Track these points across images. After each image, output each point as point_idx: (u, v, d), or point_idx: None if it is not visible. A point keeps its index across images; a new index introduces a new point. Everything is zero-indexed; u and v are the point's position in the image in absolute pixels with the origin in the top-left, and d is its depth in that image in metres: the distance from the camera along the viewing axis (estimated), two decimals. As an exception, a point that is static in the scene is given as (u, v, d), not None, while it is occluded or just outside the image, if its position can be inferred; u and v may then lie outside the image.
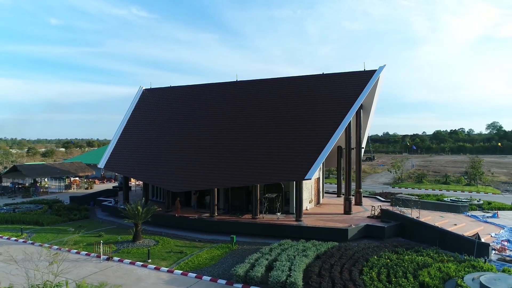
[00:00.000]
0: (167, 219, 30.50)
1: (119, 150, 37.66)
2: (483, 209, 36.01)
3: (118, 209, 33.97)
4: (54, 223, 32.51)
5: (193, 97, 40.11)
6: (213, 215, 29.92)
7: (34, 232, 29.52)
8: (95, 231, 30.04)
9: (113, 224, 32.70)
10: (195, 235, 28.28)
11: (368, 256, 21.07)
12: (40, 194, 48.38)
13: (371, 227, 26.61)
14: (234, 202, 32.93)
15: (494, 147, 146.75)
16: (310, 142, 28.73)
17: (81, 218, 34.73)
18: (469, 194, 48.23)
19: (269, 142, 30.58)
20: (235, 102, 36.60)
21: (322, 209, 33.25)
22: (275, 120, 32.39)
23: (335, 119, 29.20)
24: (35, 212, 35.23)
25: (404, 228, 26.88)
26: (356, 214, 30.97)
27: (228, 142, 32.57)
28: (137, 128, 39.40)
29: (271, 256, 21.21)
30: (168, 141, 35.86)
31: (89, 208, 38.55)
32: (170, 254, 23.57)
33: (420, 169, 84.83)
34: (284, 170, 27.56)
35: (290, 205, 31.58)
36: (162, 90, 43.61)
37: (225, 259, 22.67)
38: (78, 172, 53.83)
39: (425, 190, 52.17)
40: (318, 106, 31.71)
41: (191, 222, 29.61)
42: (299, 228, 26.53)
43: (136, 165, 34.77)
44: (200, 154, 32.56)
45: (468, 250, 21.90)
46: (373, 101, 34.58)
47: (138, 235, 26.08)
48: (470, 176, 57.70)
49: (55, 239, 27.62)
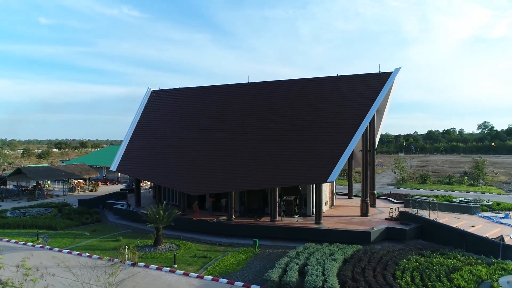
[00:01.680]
0: (184, 223, 30.15)
1: (130, 152, 37.25)
2: (494, 210, 36.37)
3: (132, 212, 33.70)
4: (67, 227, 32.00)
5: (203, 98, 39.85)
6: (231, 218, 29.74)
7: (49, 236, 29.05)
8: (111, 235, 29.63)
9: (127, 228, 32.30)
10: (214, 238, 28.05)
11: (397, 260, 21.11)
12: (45, 197, 47.59)
13: (392, 229, 26.70)
14: (250, 204, 32.79)
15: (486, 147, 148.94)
16: (329, 144, 28.71)
17: (93, 221, 34.24)
18: (475, 194, 48.84)
19: (287, 144, 30.49)
20: (247, 104, 36.44)
21: (338, 211, 33.29)
22: (291, 122, 32.31)
23: (354, 122, 29.23)
24: (46, 216, 34.63)
25: (423, 230, 27.03)
26: (373, 216, 31.07)
27: (244, 144, 32.40)
28: (147, 130, 39.01)
29: (300, 260, 21.12)
30: (181, 143, 35.57)
31: (99, 211, 38.04)
32: (195, 259, 23.35)
33: (419, 169, 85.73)
34: (305, 172, 27.51)
35: (307, 207, 31.56)
36: (170, 92, 43.25)
37: (251, 263, 22.53)
38: (83, 174, 53.15)
39: (430, 191, 52.63)
40: (334, 108, 31.74)
41: (209, 225, 29.37)
42: (321, 231, 26.50)
43: (150, 168, 34.41)
44: (215, 156, 32.34)
45: (493, 252, 22.04)
46: (387, 103, 34.75)
47: (160, 239, 25.79)
48: (473, 176, 58.35)
49: (73, 244, 27.18)
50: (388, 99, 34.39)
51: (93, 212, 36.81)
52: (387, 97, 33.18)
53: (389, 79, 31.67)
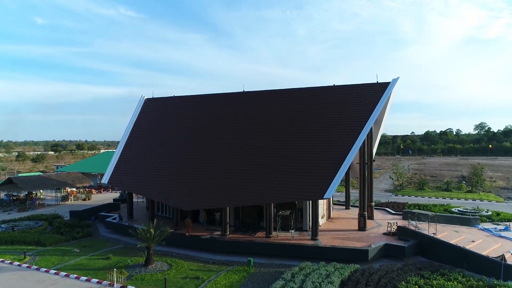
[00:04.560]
0: (177, 239, 29.30)
1: (122, 163, 36.35)
2: (493, 221, 35.77)
3: (124, 227, 32.83)
4: (57, 243, 31.08)
5: (197, 108, 38.99)
6: (225, 233, 28.94)
7: (37, 254, 28.14)
8: (102, 252, 28.76)
9: (119, 242, 31.41)
10: (207, 255, 27.25)
11: (396, 282, 20.38)
12: (37, 207, 46.60)
13: (391, 246, 25.98)
14: (245, 218, 31.98)
15: (483, 148, 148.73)
16: (325, 159, 27.95)
17: (84, 236, 33.31)
18: (473, 202, 48.24)
19: (282, 159, 29.69)
20: (243, 115, 35.60)
21: (335, 225, 32.53)
22: (287, 135, 31.53)
23: (351, 136, 28.48)
24: (35, 230, 33.68)
25: (423, 246, 26.32)
26: (370, 230, 30.35)
27: (239, 158, 31.57)
28: (140, 141, 38.11)
29: (295, 284, 20.35)
30: (175, 156, 34.69)
31: (90, 224, 37.13)
32: (187, 281, 22.51)
33: (417, 173, 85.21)
34: (301, 188, 26.71)
35: (303, 221, 30.78)
36: (164, 100, 42.39)
37: (245, 285, 21.73)
38: (76, 183, 52.11)
39: (428, 199, 51.98)
40: (331, 121, 30.98)
41: (202, 242, 28.55)
42: (318, 248, 25.73)
43: (142, 180, 33.53)
44: (209, 170, 31.49)
45: (494, 272, 21.37)
46: (385, 114, 34.04)
47: (151, 258, 24.93)
48: (472, 183, 57.76)
49: (61, 262, 26.27)
50: (386, 109, 33.67)
51: (84, 225, 35.91)
52: (385, 108, 32.46)
53: (387, 90, 30.99)
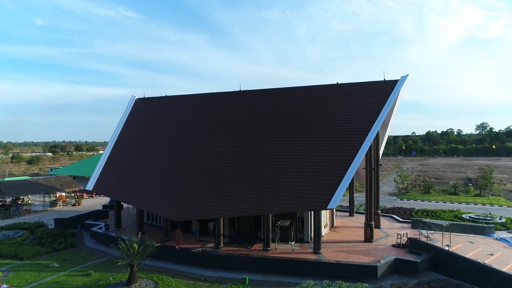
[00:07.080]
0: (166, 251, 26.67)
1: (109, 169, 33.75)
2: (508, 229, 33.26)
3: (110, 237, 30.28)
4: (36, 256, 28.45)
5: (191, 109, 36.42)
6: (218, 246, 26.35)
7: (12, 269, 25.50)
8: (83, 266, 26.13)
9: (104, 255, 28.82)
10: (198, 271, 24.66)
11: (411, 307, 17.83)
12: (22, 214, 43.99)
13: (402, 261, 23.34)
14: (241, 228, 29.37)
15: (486, 149, 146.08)
16: (328, 166, 25.37)
17: (67, 247, 30.69)
18: (484, 207, 45.76)
19: (281, 166, 27.10)
20: (239, 116, 33.02)
21: (338, 235, 29.91)
22: (286, 138, 28.97)
23: (357, 138, 25.92)
24: (14, 241, 30.99)
25: (437, 260, 23.74)
26: (378, 242, 27.75)
27: (234, 163, 29.00)
28: (129, 144, 35.51)
29: (296, 309, 17.79)
30: (165, 161, 32.09)
31: (76, 233, 34.56)
32: (174, 303, 19.96)
33: (420, 175, 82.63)
34: (302, 198, 24.10)
35: (304, 232, 28.17)
36: (156, 100, 39.83)
37: (239, 309, 19.17)
38: (65, 187, 49.43)
39: (435, 203, 49.40)
40: (335, 123, 28.41)
41: (193, 255, 25.95)
42: (321, 264, 23.09)
43: (129, 188, 30.87)
44: (202, 177, 28.89)
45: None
46: (392, 114, 31.48)
47: (134, 276, 22.30)
48: (480, 186, 55.19)
49: (36, 280, 23.63)
50: (394, 109, 31.11)
51: (69, 234, 33.31)
52: (393, 108, 29.91)
53: (395, 89, 28.41)
